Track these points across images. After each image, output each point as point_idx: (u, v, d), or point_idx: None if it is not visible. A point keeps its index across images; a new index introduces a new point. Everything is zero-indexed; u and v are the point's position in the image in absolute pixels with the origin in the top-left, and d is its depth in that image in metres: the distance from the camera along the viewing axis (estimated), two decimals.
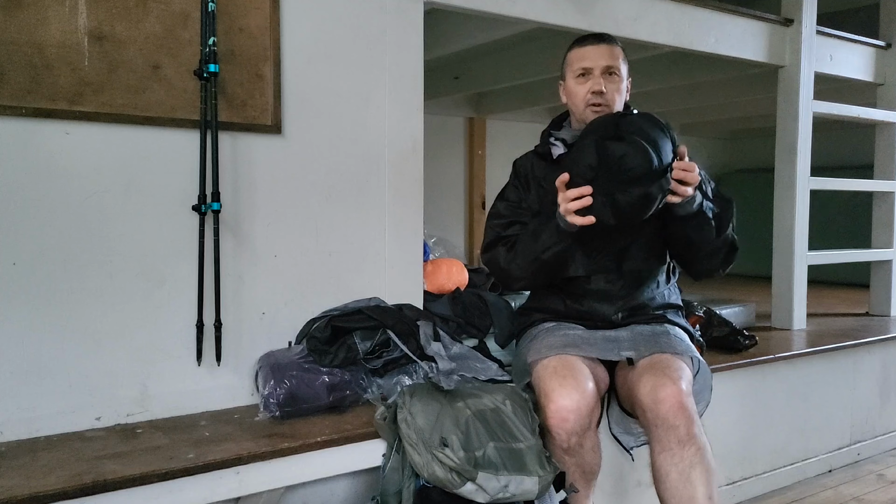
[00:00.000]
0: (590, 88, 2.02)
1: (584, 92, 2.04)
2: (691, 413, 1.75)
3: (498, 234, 2.11)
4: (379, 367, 1.97)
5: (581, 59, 2.05)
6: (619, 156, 1.80)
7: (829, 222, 4.58)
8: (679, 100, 4.87)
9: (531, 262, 1.98)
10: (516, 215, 2.11)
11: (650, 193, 1.81)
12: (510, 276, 2.06)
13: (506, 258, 2.04)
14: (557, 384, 1.79)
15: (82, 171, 1.76)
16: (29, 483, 1.43)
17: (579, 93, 2.05)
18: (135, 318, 1.83)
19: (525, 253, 1.99)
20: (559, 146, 2.11)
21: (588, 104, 2.03)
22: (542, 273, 2.01)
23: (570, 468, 1.81)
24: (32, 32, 1.69)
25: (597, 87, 2.01)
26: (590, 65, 2.03)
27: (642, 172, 1.79)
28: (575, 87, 2.06)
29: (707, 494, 1.71)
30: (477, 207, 5.68)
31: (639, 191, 1.80)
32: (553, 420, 1.77)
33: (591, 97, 2.02)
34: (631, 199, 1.81)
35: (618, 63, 2.04)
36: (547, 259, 1.95)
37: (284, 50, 2.01)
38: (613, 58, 2.04)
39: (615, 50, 2.06)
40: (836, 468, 3.11)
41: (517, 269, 2.02)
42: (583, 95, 2.04)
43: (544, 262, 1.96)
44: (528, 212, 2.11)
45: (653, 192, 1.81)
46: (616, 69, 2.04)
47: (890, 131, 3.81)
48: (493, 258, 2.09)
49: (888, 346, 3.33)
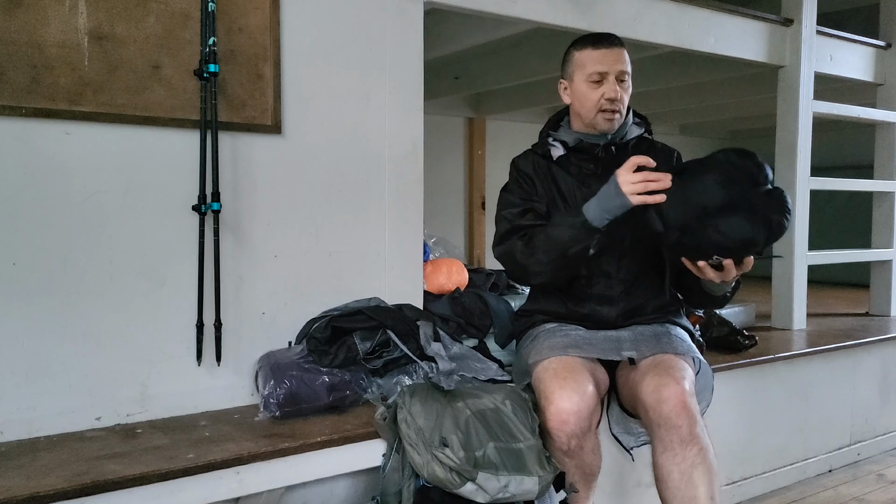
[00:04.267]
0: (604, 94, 1.97)
1: (597, 97, 1.98)
2: (694, 413, 1.74)
3: (512, 223, 2.02)
4: (379, 368, 1.97)
5: (597, 63, 1.98)
6: (737, 222, 1.71)
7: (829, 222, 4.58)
8: (679, 100, 4.87)
9: (556, 257, 1.89)
10: (529, 203, 2.05)
11: (708, 253, 1.74)
12: (528, 271, 1.97)
13: (523, 252, 1.95)
14: (557, 386, 1.79)
15: (82, 171, 1.76)
16: (29, 483, 1.43)
17: (591, 97, 1.99)
18: (135, 318, 1.83)
19: (547, 249, 1.90)
20: (558, 147, 2.09)
21: (601, 109, 1.99)
22: (564, 269, 1.93)
23: (569, 470, 1.81)
24: (32, 32, 1.68)
25: (612, 94, 1.96)
26: (605, 69, 1.97)
27: (732, 241, 1.72)
28: (586, 90, 2.00)
29: (709, 495, 1.70)
30: (477, 207, 5.69)
31: (706, 246, 1.73)
32: (553, 422, 1.77)
33: (605, 103, 1.98)
34: (693, 244, 1.75)
35: (629, 68, 2.01)
36: (572, 255, 1.86)
37: (284, 50, 2.01)
38: (626, 62, 2.00)
39: (626, 55, 2.02)
40: (836, 468, 3.11)
41: (536, 265, 1.93)
42: (595, 100, 1.99)
43: (569, 258, 1.87)
44: (539, 200, 2.06)
45: (712, 257, 1.74)
46: (628, 74, 2.01)
47: (890, 131, 3.81)
48: (508, 252, 2.00)
49: (888, 346, 3.33)
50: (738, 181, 1.75)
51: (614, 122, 2.01)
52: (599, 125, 2.02)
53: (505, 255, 2.02)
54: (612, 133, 2.04)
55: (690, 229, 1.74)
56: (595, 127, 2.03)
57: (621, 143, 2.08)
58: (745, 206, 1.72)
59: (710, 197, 1.72)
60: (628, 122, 2.10)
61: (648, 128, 2.15)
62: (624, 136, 2.08)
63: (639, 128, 2.12)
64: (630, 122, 2.11)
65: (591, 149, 2.06)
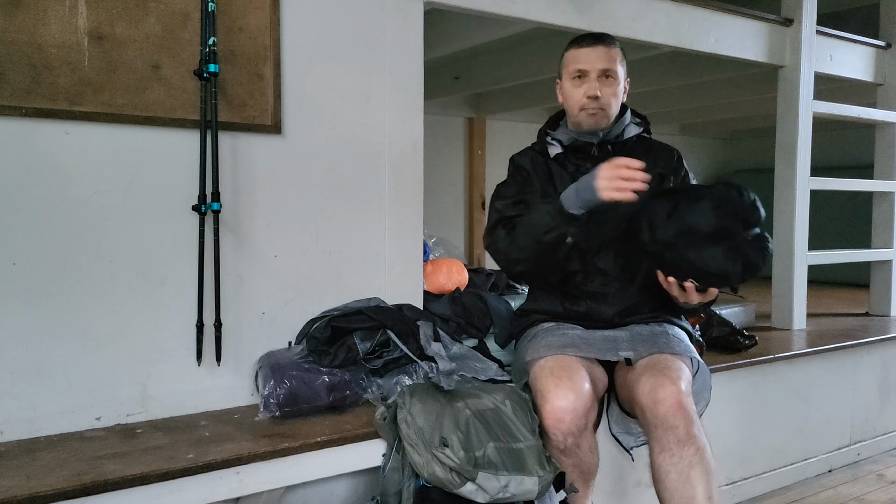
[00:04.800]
0: (585, 92, 1.99)
1: (579, 95, 2.00)
2: (690, 413, 1.74)
3: (500, 214, 2.05)
4: (379, 368, 1.97)
5: (577, 61, 2.00)
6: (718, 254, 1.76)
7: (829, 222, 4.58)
8: (679, 100, 4.87)
9: (533, 243, 1.89)
10: (521, 196, 2.07)
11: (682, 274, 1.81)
12: (509, 258, 1.98)
13: (505, 240, 1.97)
14: (553, 384, 1.79)
15: (82, 171, 1.76)
16: (29, 483, 1.43)
17: (574, 95, 2.02)
18: (135, 318, 1.83)
19: (525, 233, 1.91)
20: (556, 146, 2.10)
21: (582, 108, 2.01)
22: (542, 259, 1.92)
23: (567, 469, 1.81)
24: (32, 32, 1.68)
25: (592, 92, 1.98)
26: (586, 67, 1.99)
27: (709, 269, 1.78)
28: (570, 89, 2.03)
29: (707, 494, 1.70)
30: (477, 207, 5.68)
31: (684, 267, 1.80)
32: (549, 420, 1.77)
33: (587, 101, 1.99)
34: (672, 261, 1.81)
35: (615, 66, 2.00)
36: (548, 242, 1.86)
37: (284, 50, 2.01)
38: (610, 60, 1.99)
39: (612, 51, 2.01)
40: (836, 468, 3.11)
41: (515, 252, 1.94)
42: (578, 98, 2.01)
43: (545, 245, 1.87)
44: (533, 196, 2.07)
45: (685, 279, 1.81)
46: (613, 72, 2.00)
47: (890, 131, 3.81)
48: (493, 242, 2.02)
49: (888, 346, 3.33)
50: (731, 215, 1.80)
51: (598, 120, 2.02)
52: (584, 123, 2.03)
53: (491, 246, 2.04)
54: (602, 131, 2.05)
55: (674, 247, 1.80)
56: (580, 125, 2.04)
57: (619, 143, 2.08)
58: (730, 241, 1.78)
59: (702, 222, 1.78)
60: (625, 121, 2.10)
61: (647, 127, 2.15)
62: (621, 136, 2.09)
63: (637, 127, 2.13)
64: (627, 122, 2.11)
65: (586, 147, 2.07)
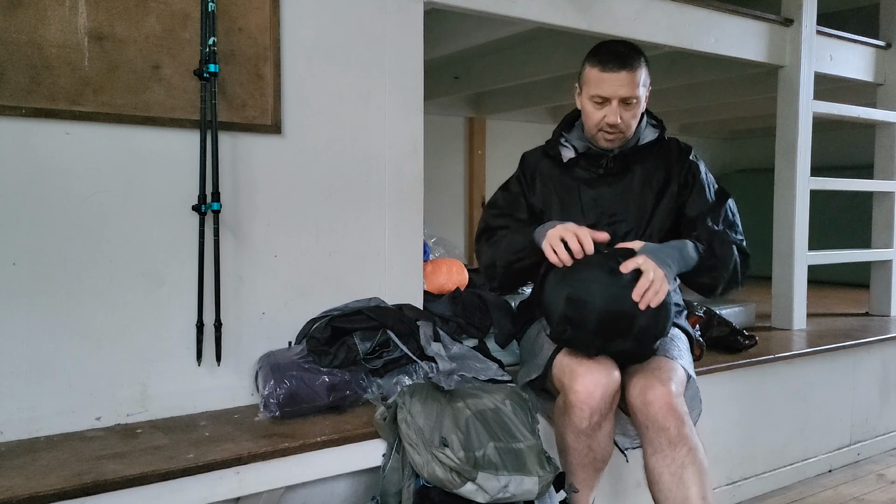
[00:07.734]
0: (605, 118, 1.96)
1: (598, 118, 1.97)
2: (681, 414, 1.75)
3: (487, 224, 2.15)
4: (379, 368, 1.97)
5: (599, 86, 1.93)
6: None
7: (829, 222, 4.58)
8: (679, 100, 4.87)
9: (505, 264, 2.02)
10: (511, 208, 2.12)
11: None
12: (486, 270, 2.10)
13: (486, 252, 2.09)
14: (585, 368, 1.79)
15: (82, 171, 1.76)
16: (29, 483, 1.43)
17: (593, 117, 1.99)
18: (135, 318, 1.83)
19: (502, 254, 2.02)
20: (570, 149, 2.10)
21: (600, 129, 1.99)
22: (513, 279, 2.08)
23: (581, 452, 1.81)
24: (32, 32, 1.68)
25: (612, 120, 1.94)
26: (607, 94, 1.93)
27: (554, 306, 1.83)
28: (590, 108, 1.99)
29: (700, 495, 1.71)
30: (477, 207, 5.68)
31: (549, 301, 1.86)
32: (580, 395, 1.76)
33: (605, 126, 1.97)
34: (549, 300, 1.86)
35: (636, 91, 1.93)
36: (519, 269, 2.01)
37: (284, 50, 2.01)
38: (633, 86, 1.92)
39: (636, 76, 1.92)
40: (836, 468, 3.11)
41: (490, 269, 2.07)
42: (596, 121, 1.98)
43: (516, 271, 2.01)
44: (525, 209, 2.11)
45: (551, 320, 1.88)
46: (636, 98, 1.94)
47: (890, 131, 3.81)
48: (476, 250, 2.15)
49: (888, 346, 3.33)
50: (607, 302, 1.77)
51: (614, 143, 2.02)
52: (599, 143, 2.04)
53: (476, 255, 2.17)
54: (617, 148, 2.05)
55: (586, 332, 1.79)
56: (595, 143, 2.05)
57: (632, 149, 2.07)
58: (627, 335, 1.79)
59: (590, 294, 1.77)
60: (641, 127, 2.09)
61: (663, 133, 2.12)
62: (637, 143, 2.08)
63: (654, 131, 2.11)
64: (644, 127, 2.10)
65: (600, 157, 2.07)
